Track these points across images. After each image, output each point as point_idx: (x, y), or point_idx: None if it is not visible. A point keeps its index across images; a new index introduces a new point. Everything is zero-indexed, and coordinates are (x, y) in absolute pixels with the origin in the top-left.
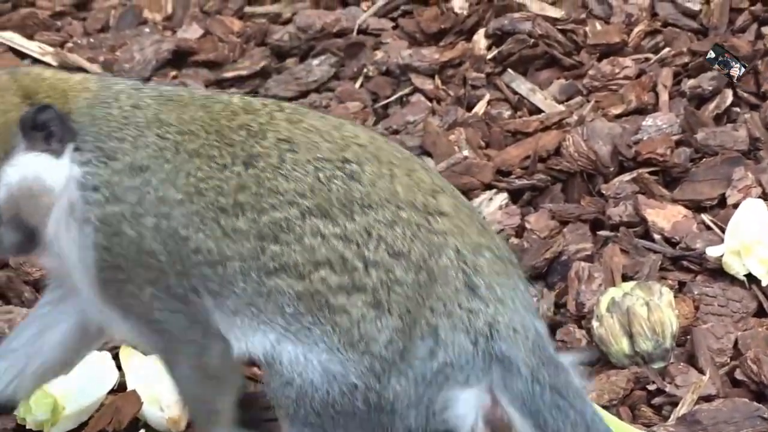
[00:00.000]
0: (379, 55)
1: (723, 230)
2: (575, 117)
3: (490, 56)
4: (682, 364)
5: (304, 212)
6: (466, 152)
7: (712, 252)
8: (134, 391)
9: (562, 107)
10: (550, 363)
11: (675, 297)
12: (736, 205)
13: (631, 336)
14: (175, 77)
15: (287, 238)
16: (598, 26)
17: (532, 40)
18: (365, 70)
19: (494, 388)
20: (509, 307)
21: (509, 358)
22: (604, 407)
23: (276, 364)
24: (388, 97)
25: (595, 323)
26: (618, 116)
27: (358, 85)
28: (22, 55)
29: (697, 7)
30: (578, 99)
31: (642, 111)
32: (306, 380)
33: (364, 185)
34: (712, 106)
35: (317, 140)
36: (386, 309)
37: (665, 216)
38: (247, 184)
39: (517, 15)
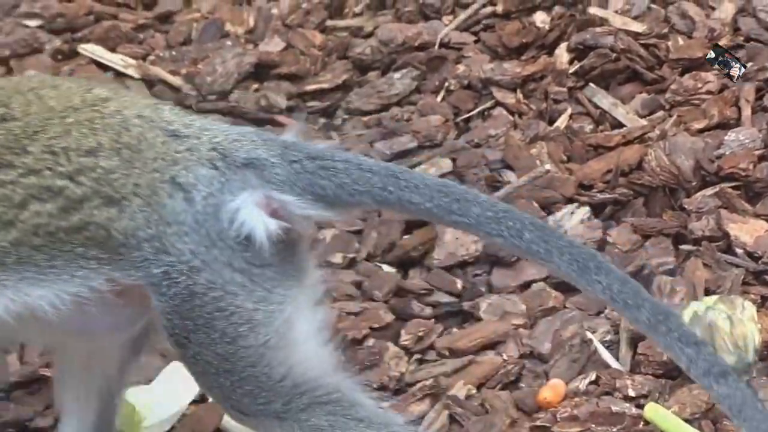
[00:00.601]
0: (460, 68)
1: None
2: (657, 131)
3: (571, 70)
4: (764, 378)
5: None
6: (547, 166)
7: None
8: (216, 402)
9: (644, 121)
10: (291, 144)
11: (758, 311)
12: None
13: (713, 350)
14: (257, 90)
15: None
16: (681, 41)
17: (614, 55)
18: (447, 84)
19: (259, 189)
20: (212, 129)
21: (253, 159)
22: (687, 421)
23: (48, 314)
24: (469, 111)
25: None
26: (700, 131)
27: (439, 98)
28: (104, 68)
29: None
30: (660, 113)
31: (724, 126)
32: (142, 308)
33: (19, 119)
34: None
35: None
36: (120, 198)
37: (748, 230)
38: None
39: (599, 29)
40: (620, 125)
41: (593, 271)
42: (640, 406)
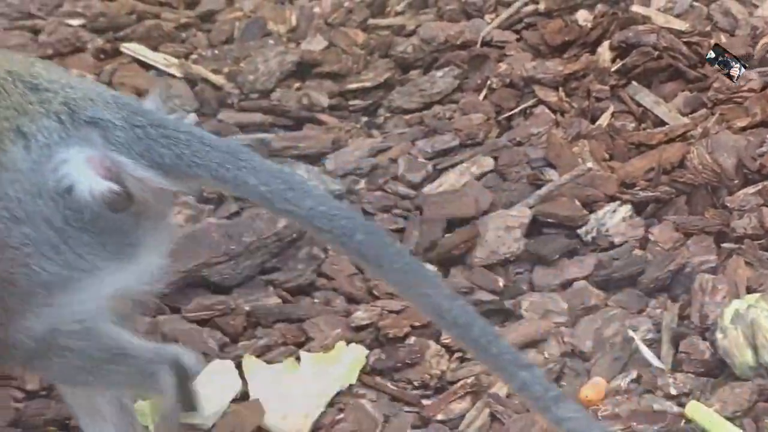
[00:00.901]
0: (502, 67)
1: None
2: (699, 129)
3: (614, 68)
4: None
5: None
6: (590, 164)
7: None
8: (257, 401)
9: (686, 120)
10: (142, 110)
11: None
12: None
13: (755, 348)
14: (299, 89)
15: None
16: (723, 39)
17: (657, 53)
18: (489, 82)
19: (98, 147)
20: (79, 87)
21: (98, 119)
22: (729, 419)
23: None
24: (511, 109)
25: (719, 335)
26: (743, 129)
27: (481, 97)
28: (146, 67)
29: None
30: (703, 111)
31: (767, 124)
32: None
33: None
34: None
35: None
36: None
37: None
38: None
39: (641, 27)
40: (662, 123)
41: (422, 285)
42: (682, 405)
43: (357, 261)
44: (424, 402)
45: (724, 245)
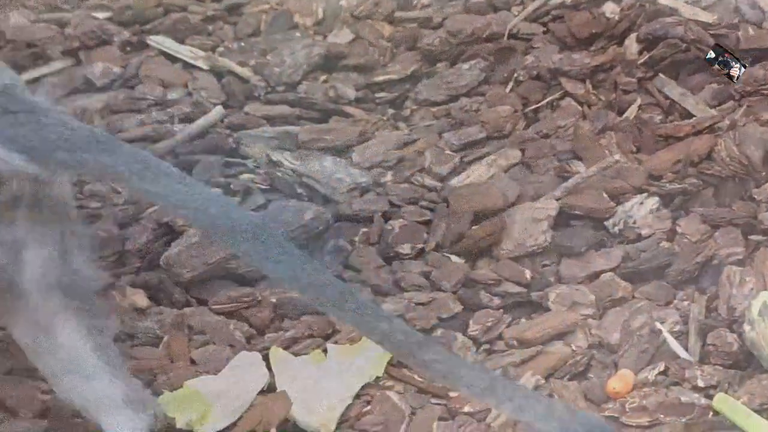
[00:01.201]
0: (529, 59)
1: None
2: (727, 121)
3: (641, 61)
4: None
5: None
6: (617, 156)
7: None
8: (284, 392)
9: (714, 112)
10: (20, 98)
11: None
12: None
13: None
14: (325, 81)
15: None
16: (751, 31)
17: (684, 45)
18: (516, 75)
19: None
20: None
21: None
22: (756, 411)
23: None
24: (538, 102)
25: (746, 327)
26: None
27: (508, 89)
28: (173, 59)
29: None
30: (730, 104)
31: None
32: None
33: None
34: None
35: None
36: None
37: None
38: None
39: (668, 19)
40: (690, 115)
41: (275, 252)
42: (710, 397)
43: (211, 234)
44: (451, 394)
45: (752, 237)
